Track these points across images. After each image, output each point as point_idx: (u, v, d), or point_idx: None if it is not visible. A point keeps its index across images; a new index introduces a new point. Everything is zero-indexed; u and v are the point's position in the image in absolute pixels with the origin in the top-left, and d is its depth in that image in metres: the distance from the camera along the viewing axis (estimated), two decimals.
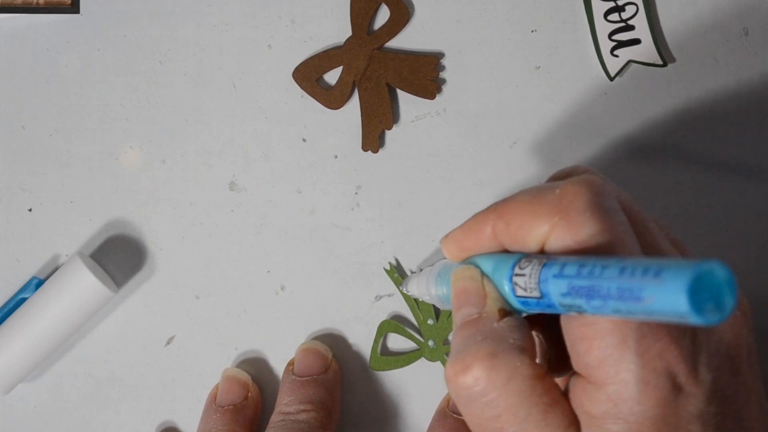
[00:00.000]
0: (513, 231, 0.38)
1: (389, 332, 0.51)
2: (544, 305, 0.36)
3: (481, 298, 0.39)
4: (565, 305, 0.35)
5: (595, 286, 0.33)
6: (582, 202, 0.37)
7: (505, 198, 0.39)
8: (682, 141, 0.52)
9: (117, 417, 0.52)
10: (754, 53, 0.52)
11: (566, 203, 0.37)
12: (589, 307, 0.33)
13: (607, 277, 0.32)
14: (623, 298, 0.32)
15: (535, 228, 0.37)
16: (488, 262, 0.40)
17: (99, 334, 0.52)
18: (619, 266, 0.32)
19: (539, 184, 0.39)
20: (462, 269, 0.40)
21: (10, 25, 0.52)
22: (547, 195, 0.37)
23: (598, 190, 0.37)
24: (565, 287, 0.34)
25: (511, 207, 0.38)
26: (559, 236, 0.37)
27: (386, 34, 0.52)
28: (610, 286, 0.32)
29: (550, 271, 0.35)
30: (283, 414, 0.48)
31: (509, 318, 0.38)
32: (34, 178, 0.52)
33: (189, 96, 0.52)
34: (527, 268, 0.37)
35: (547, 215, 0.37)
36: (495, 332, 0.37)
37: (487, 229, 0.39)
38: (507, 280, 0.38)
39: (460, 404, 0.38)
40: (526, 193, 0.39)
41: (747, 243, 0.51)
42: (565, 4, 0.52)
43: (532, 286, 0.36)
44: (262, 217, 0.52)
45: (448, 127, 0.52)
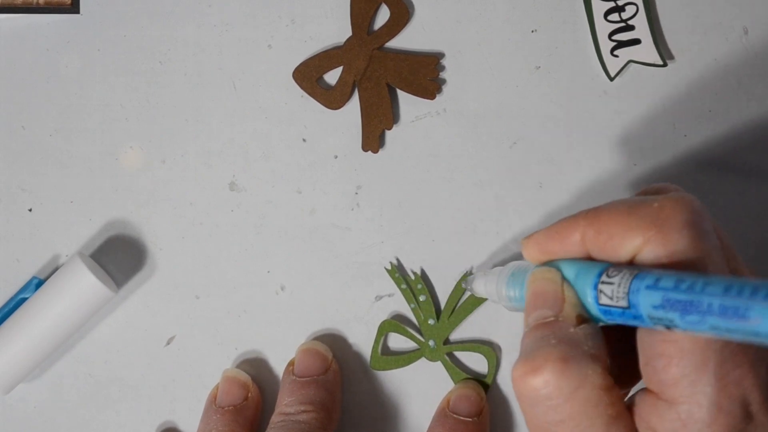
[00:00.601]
0: (604, 240, 0.38)
1: (390, 332, 0.51)
2: (630, 316, 0.36)
3: (559, 302, 0.38)
4: (655, 318, 0.34)
5: (695, 301, 0.33)
6: (680, 219, 0.36)
7: (598, 206, 0.39)
8: (682, 141, 0.52)
9: (117, 417, 0.52)
10: (754, 53, 0.52)
11: (664, 218, 0.37)
12: (683, 323, 0.33)
13: (710, 293, 0.32)
14: (726, 315, 0.31)
15: (628, 239, 0.37)
16: (571, 267, 0.39)
17: (99, 334, 0.52)
18: (723, 284, 0.32)
19: (633, 197, 0.39)
20: (542, 270, 0.40)
21: (10, 25, 0.52)
22: (644, 208, 0.37)
23: (696, 210, 0.37)
24: (659, 299, 0.34)
25: (605, 216, 0.38)
26: (653, 250, 0.36)
27: (386, 34, 0.52)
28: (712, 303, 0.32)
29: (643, 282, 0.35)
30: (283, 414, 0.48)
31: (586, 325, 0.38)
32: (34, 178, 0.52)
33: (189, 96, 0.52)
34: (616, 276, 0.36)
35: (642, 228, 0.37)
36: (570, 337, 0.37)
37: (575, 235, 0.39)
38: (591, 287, 0.38)
39: (523, 404, 0.37)
40: (620, 203, 0.38)
41: (747, 243, 0.51)
42: (565, 4, 0.52)
43: (620, 295, 0.36)
44: (262, 217, 0.52)
45: (448, 127, 0.52)
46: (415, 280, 0.51)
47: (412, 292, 0.51)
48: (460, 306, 0.51)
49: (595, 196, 0.51)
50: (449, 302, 0.51)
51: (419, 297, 0.51)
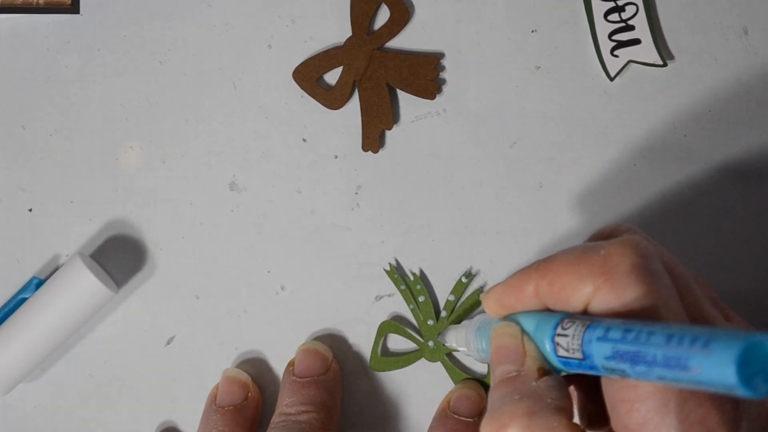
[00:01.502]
0: (556, 291, 0.38)
1: (389, 333, 0.51)
2: (587, 366, 0.36)
3: (521, 356, 0.39)
4: (608, 368, 0.34)
5: (641, 352, 0.33)
6: (627, 265, 0.37)
7: (548, 257, 0.39)
8: (682, 141, 0.52)
9: (117, 417, 0.52)
10: (754, 53, 0.52)
11: (611, 265, 0.37)
12: (633, 372, 0.33)
13: (654, 343, 0.32)
14: (669, 366, 0.32)
15: (579, 289, 0.37)
16: (530, 320, 0.39)
17: (99, 334, 0.52)
18: (665, 333, 0.32)
19: (583, 244, 0.39)
20: (502, 326, 0.40)
21: (10, 25, 0.52)
22: (592, 256, 0.37)
23: (643, 253, 0.37)
24: (609, 351, 0.34)
25: (555, 267, 0.38)
26: (604, 298, 0.37)
27: (386, 34, 0.52)
28: (656, 353, 0.32)
29: (594, 334, 0.35)
30: (284, 415, 0.48)
31: (548, 377, 0.38)
32: (34, 178, 0.52)
33: (189, 96, 0.52)
34: (570, 328, 0.37)
35: (591, 276, 0.37)
36: (533, 391, 0.37)
37: (530, 287, 0.39)
38: (549, 339, 0.38)
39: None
40: (569, 252, 0.39)
41: (747, 243, 0.51)
42: (565, 4, 0.52)
43: (574, 347, 0.36)
44: (262, 217, 0.52)
45: (448, 127, 0.52)
46: (414, 281, 0.51)
47: (411, 293, 0.51)
48: (460, 306, 0.51)
49: (595, 195, 0.51)
50: (448, 302, 0.51)
51: (418, 298, 0.51)
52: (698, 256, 0.51)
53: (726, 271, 0.51)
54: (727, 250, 0.51)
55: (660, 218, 0.51)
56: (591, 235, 0.44)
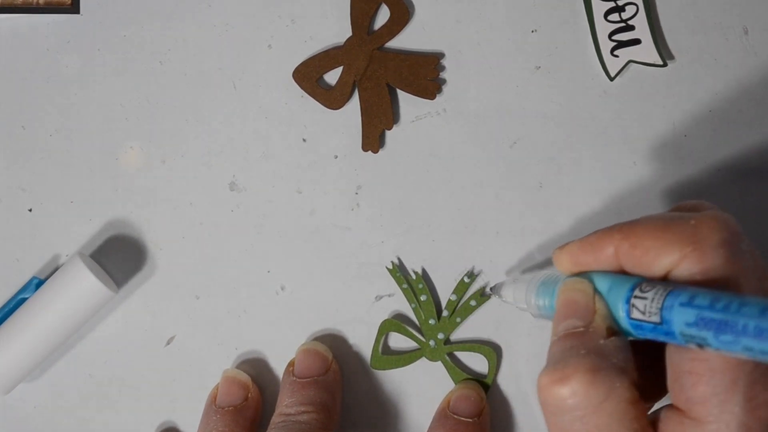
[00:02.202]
0: (639, 254, 0.38)
1: (390, 331, 0.51)
2: (661, 332, 0.36)
3: (590, 313, 0.38)
4: (687, 335, 0.34)
5: (730, 321, 0.33)
6: (717, 238, 0.37)
7: (633, 221, 0.39)
8: (682, 141, 0.52)
9: (117, 417, 0.52)
10: (754, 53, 0.52)
11: (701, 236, 0.37)
12: (716, 342, 0.33)
13: (746, 314, 0.32)
14: (762, 337, 0.31)
15: (663, 255, 0.37)
16: (604, 279, 0.39)
17: (99, 334, 0.52)
18: (760, 306, 0.32)
19: (668, 212, 0.39)
20: (574, 281, 0.40)
21: (10, 25, 0.52)
22: (681, 224, 0.37)
23: (732, 230, 0.37)
24: (692, 317, 0.34)
25: (640, 230, 0.38)
26: (688, 267, 0.36)
27: (386, 34, 0.52)
28: (748, 324, 0.32)
29: (677, 299, 0.35)
30: (284, 415, 0.48)
31: (615, 338, 0.38)
32: (34, 178, 0.52)
33: (189, 96, 0.52)
34: (650, 291, 0.36)
35: (679, 244, 0.37)
36: (600, 348, 0.37)
37: (609, 248, 0.39)
38: (624, 300, 0.37)
39: (547, 413, 0.37)
40: (656, 218, 0.38)
41: None
42: (565, 4, 0.52)
43: (652, 310, 0.36)
44: (262, 217, 0.52)
45: (448, 127, 0.52)
46: (416, 280, 0.51)
47: (413, 291, 0.51)
48: (461, 306, 0.51)
49: (595, 196, 0.51)
50: (450, 302, 0.51)
51: (420, 297, 0.51)
52: None
53: None
54: None
55: None
56: (673, 206, 0.44)
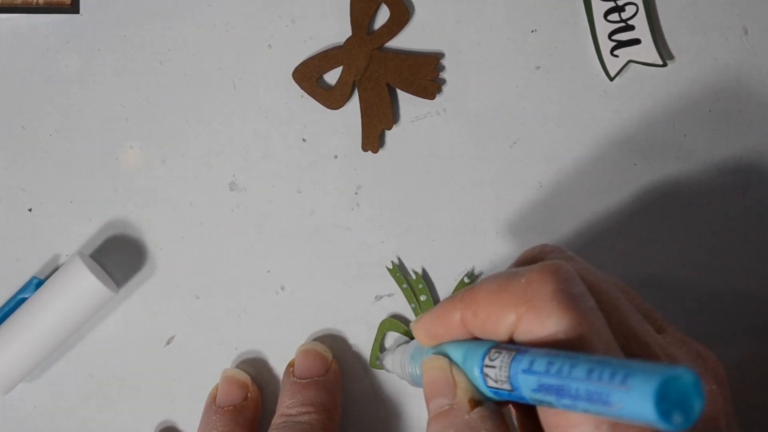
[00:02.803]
0: (481, 321, 0.38)
1: (390, 331, 0.51)
2: (516, 397, 0.36)
3: (452, 388, 0.38)
4: (536, 400, 0.34)
5: (564, 386, 0.33)
6: (548, 291, 0.36)
7: (473, 286, 0.39)
8: (682, 141, 0.52)
9: (117, 417, 0.52)
10: (754, 53, 0.52)
11: (531, 293, 0.36)
12: (560, 404, 0.33)
13: (575, 377, 0.32)
14: (592, 400, 0.31)
15: (502, 319, 0.37)
16: (458, 350, 0.39)
17: (99, 334, 0.52)
18: (586, 367, 0.32)
19: (506, 271, 0.39)
20: (431, 359, 0.40)
21: (10, 25, 0.52)
22: (513, 284, 0.37)
23: (563, 277, 0.36)
24: (534, 383, 0.34)
25: (478, 296, 0.38)
26: (527, 327, 0.36)
27: (386, 34, 0.52)
28: (579, 388, 0.32)
29: (519, 366, 0.35)
30: (284, 416, 0.48)
31: (480, 408, 0.38)
32: (34, 178, 0.52)
33: (189, 96, 0.52)
34: (497, 359, 0.36)
35: (513, 305, 0.36)
36: (467, 423, 0.37)
37: (456, 317, 0.39)
38: (479, 369, 0.37)
39: None
40: (492, 281, 0.38)
41: (747, 243, 0.51)
42: (565, 4, 0.52)
43: (502, 378, 0.36)
44: (262, 217, 0.52)
45: (448, 127, 0.52)
46: (416, 280, 0.51)
47: (413, 291, 0.51)
48: None
49: (595, 196, 0.51)
50: None
51: (420, 296, 0.51)
52: (698, 256, 0.51)
53: (726, 271, 0.51)
54: (727, 250, 0.51)
55: (660, 218, 0.51)
56: (517, 258, 0.44)
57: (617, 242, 0.51)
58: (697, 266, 0.51)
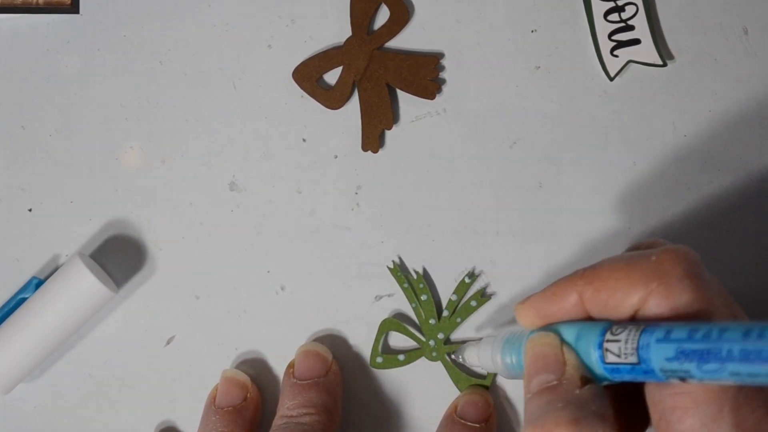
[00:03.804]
0: (605, 297, 0.38)
1: (390, 330, 0.51)
2: (640, 371, 0.36)
3: (560, 365, 0.39)
4: (668, 371, 0.34)
5: (713, 349, 0.33)
6: (681, 270, 0.37)
7: (593, 265, 0.39)
8: (682, 141, 0.52)
9: (117, 417, 0.52)
10: (754, 53, 0.52)
11: (664, 270, 0.37)
12: (700, 372, 0.33)
13: (728, 339, 0.32)
14: (749, 360, 0.31)
15: (630, 294, 0.37)
16: (571, 329, 0.39)
17: (99, 334, 0.52)
18: (742, 329, 0.32)
19: (627, 252, 0.39)
20: (540, 335, 0.40)
21: (10, 25, 0.52)
22: (643, 262, 0.38)
23: (694, 260, 0.38)
24: (672, 351, 0.34)
25: (603, 273, 0.38)
26: (656, 303, 0.37)
27: (386, 34, 0.52)
28: (732, 349, 0.32)
29: (653, 336, 0.35)
30: (285, 417, 0.48)
31: (590, 386, 0.38)
32: (34, 178, 0.52)
33: (189, 96, 0.52)
34: (622, 333, 0.36)
35: (643, 282, 0.37)
36: (577, 399, 0.37)
37: (573, 296, 0.39)
38: (596, 346, 0.38)
39: None
40: (617, 259, 0.39)
41: (747, 243, 0.51)
42: (565, 4, 0.52)
43: (628, 351, 0.36)
44: (262, 217, 0.52)
45: (448, 127, 0.52)
46: (417, 280, 0.51)
47: (414, 291, 0.51)
48: (462, 306, 0.51)
49: (595, 196, 0.51)
50: (451, 302, 0.51)
51: (421, 296, 0.51)
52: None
53: (726, 271, 0.51)
54: (727, 250, 0.51)
55: (660, 218, 0.51)
56: (630, 246, 0.44)
57: (617, 242, 0.51)
58: None
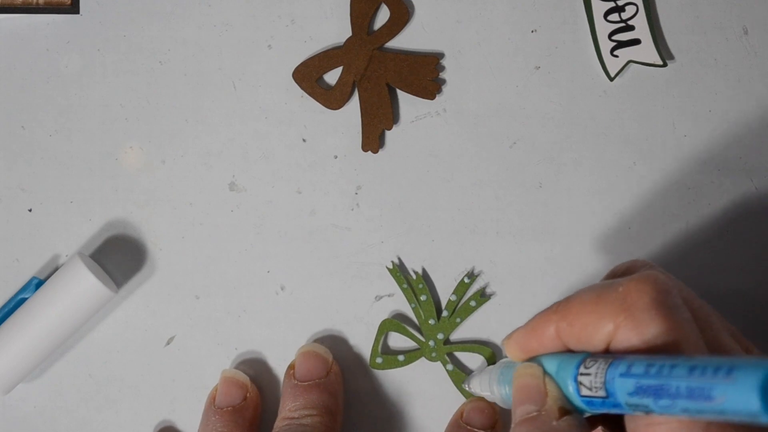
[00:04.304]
0: (577, 331, 0.38)
1: (390, 331, 0.51)
2: (610, 405, 0.36)
3: (542, 396, 0.39)
4: (632, 405, 0.35)
5: (664, 386, 0.33)
6: (646, 301, 0.37)
7: (567, 298, 0.40)
8: (682, 141, 0.52)
9: (117, 417, 0.52)
10: (754, 53, 0.52)
11: (630, 302, 0.37)
12: (655, 407, 0.34)
13: (676, 376, 0.33)
14: (693, 397, 0.32)
15: (599, 328, 0.37)
16: (552, 361, 0.40)
17: (99, 334, 0.52)
18: (688, 365, 0.32)
19: (601, 282, 0.40)
20: (524, 366, 0.41)
21: (10, 25, 0.52)
22: (611, 294, 0.38)
23: (661, 288, 0.37)
24: (632, 386, 0.34)
25: (574, 307, 0.39)
26: (624, 335, 0.37)
27: (386, 34, 0.52)
28: (680, 386, 0.32)
29: (617, 370, 0.35)
30: (288, 419, 0.48)
31: (569, 417, 0.38)
32: (34, 178, 0.52)
33: (189, 96, 0.52)
34: (593, 367, 0.37)
35: (611, 315, 0.37)
36: (554, 430, 0.38)
37: (550, 329, 0.40)
38: (572, 379, 0.38)
39: None
40: (587, 292, 0.39)
41: (747, 243, 0.51)
42: (565, 4, 0.52)
43: (597, 385, 0.36)
44: (262, 217, 0.52)
45: (448, 127, 0.52)
46: (416, 280, 0.51)
47: (413, 291, 0.51)
48: (461, 306, 0.51)
49: (595, 196, 0.51)
50: (450, 302, 0.51)
51: (420, 297, 0.51)
52: (698, 256, 0.51)
53: (726, 271, 0.51)
54: (727, 250, 0.51)
55: (660, 218, 0.51)
56: (608, 272, 0.44)
57: (617, 242, 0.51)
58: (697, 266, 0.51)
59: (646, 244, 0.51)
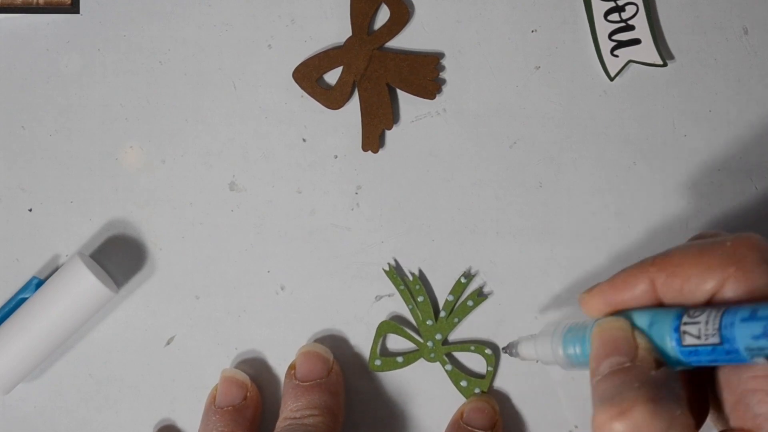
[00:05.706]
0: (679, 283, 0.39)
1: (388, 333, 0.51)
2: (722, 352, 0.36)
3: (633, 348, 0.39)
4: (754, 349, 0.35)
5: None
6: (758, 256, 0.37)
7: (663, 252, 0.40)
8: (682, 141, 0.52)
9: (117, 417, 0.52)
10: (754, 53, 0.52)
11: (741, 255, 0.37)
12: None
13: None
14: None
15: (706, 280, 0.38)
16: (643, 315, 0.40)
17: (99, 334, 0.52)
18: None
19: (696, 240, 0.40)
20: (610, 320, 0.40)
21: (10, 25, 0.52)
22: (718, 247, 0.38)
23: (766, 246, 0.38)
24: (759, 329, 0.34)
25: (677, 259, 0.39)
26: (733, 288, 0.37)
27: (386, 34, 0.52)
28: None
29: (736, 316, 0.35)
30: (289, 419, 0.48)
31: (665, 368, 0.38)
32: (34, 178, 0.52)
33: (189, 96, 0.52)
34: (701, 315, 0.37)
35: (720, 266, 0.38)
36: (653, 380, 0.38)
37: (643, 283, 0.40)
38: (672, 329, 0.38)
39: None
40: (690, 246, 0.39)
41: None
42: (565, 4, 0.52)
43: (709, 332, 0.36)
44: (262, 217, 0.52)
45: (448, 127, 0.52)
46: (413, 281, 0.51)
47: (410, 293, 0.51)
48: (459, 306, 0.51)
49: (595, 195, 0.51)
50: (447, 303, 0.51)
51: (417, 298, 0.51)
52: None
53: None
54: None
55: (660, 218, 0.51)
56: (692, 237, 0.44)
57: (617, 242, 0.51)
58: None
59: (646, 244, 0.51)
